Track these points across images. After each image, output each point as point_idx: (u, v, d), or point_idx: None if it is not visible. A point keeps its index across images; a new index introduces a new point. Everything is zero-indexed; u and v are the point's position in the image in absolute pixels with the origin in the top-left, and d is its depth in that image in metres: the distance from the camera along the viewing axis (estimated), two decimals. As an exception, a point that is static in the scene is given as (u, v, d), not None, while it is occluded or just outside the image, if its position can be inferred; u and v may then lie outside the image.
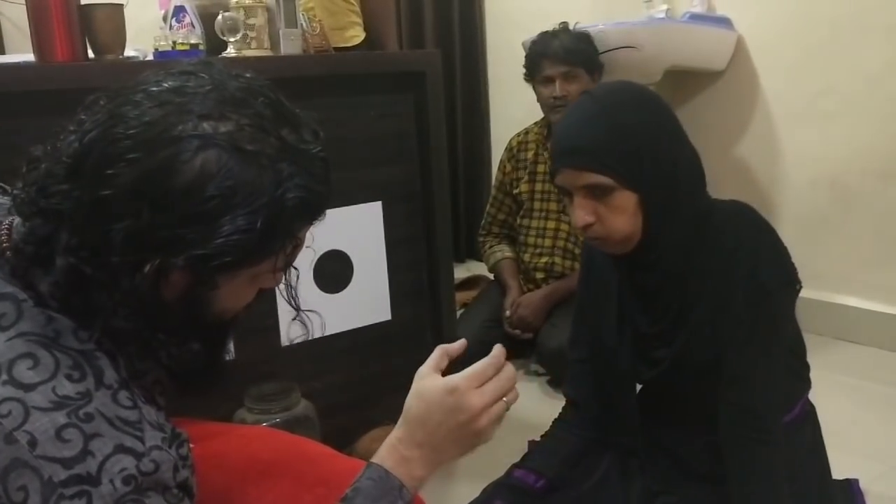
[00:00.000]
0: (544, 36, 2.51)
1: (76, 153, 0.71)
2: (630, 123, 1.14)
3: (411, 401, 0.91)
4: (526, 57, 2.54)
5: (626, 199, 1.14)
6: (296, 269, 0.87)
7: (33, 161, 0.76)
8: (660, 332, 1.25)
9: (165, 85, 0.74)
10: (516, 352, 2.58)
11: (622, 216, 1.15)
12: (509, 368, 0.94)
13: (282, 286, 0.89)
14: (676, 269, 1.21)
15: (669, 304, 1.23)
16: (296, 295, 0.93)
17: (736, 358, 1.18)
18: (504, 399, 0.92)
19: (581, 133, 1.16)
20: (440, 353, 0.96)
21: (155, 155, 0.69)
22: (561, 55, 2.43)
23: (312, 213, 0.78)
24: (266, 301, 1.63)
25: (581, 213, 1.16)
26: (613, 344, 1.30)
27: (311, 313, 1.51)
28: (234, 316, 0.85)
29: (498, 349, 0.95)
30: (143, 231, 0.69)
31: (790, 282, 1.19)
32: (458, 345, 0.98)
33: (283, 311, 1.72)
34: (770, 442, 1.18)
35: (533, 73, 2.52)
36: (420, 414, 0.89)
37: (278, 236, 0.75)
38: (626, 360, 1.30)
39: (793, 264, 1.19)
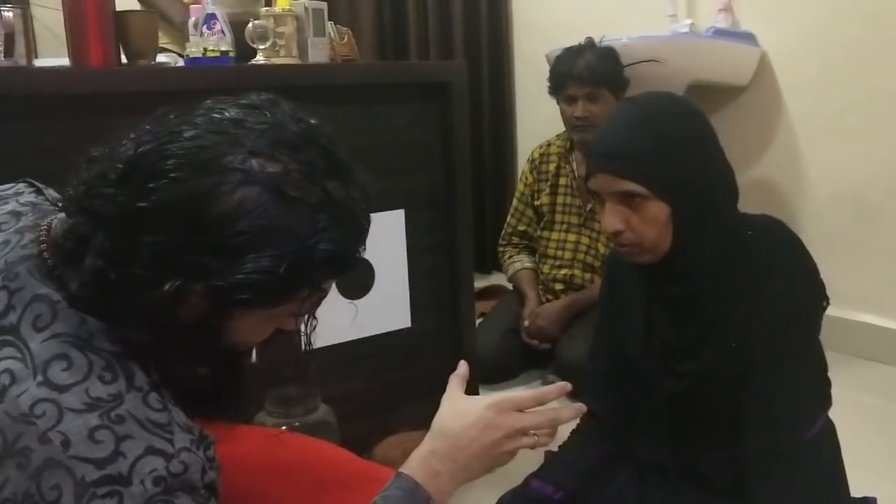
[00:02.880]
0: (569, 53, 2.48)
1: (129, 160, 0.73)
2: (671, 135, 1.14)
3: (446, 417, 0.93)
4: (550, 73, 2.53)
5: (659, 210, 1.14)
6: (315, 318, 0.87)
7: (90, 161, 0.77)
8: (686, 345, 1.25)
9: (227, 114, 0.75)
10: (533, 362, 2.59)
11: (653, 226, 1.14)
12: (560, 413, 0.96)
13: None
14: (705, 282, 1.21)
15: (697, 317, 1.23)
16: (311, 343, 0.92)
17: (764, 373, 1.18)
18: (535, 435, 0.94)
19: (621, 139, 1.15)
20: (458, 381, 0.98)
21: (198, 179, 0.70)
22: (585, 76, 2.40)
23: (340, 268, 0.78)
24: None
25: (613, 219, 1.16)
26: (639, 355, 1.30)
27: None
28: (248, 349, 0.86)
29: (561, 386, 0.99)
30: (170, 250, 0.70)
31: (821, 297, 1.19)
32: (463, 368, 1.01)
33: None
34: (794, 458, 1.17)
35: (557, 90, 2.50)
36: (456, 430, 0.91)
37: (301, 284, 0.76)
38: (653, 371, 1.29)
39: (822, 280, 1.19)
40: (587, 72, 2.40)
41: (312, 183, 0.74)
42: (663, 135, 1.13)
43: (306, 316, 0.85)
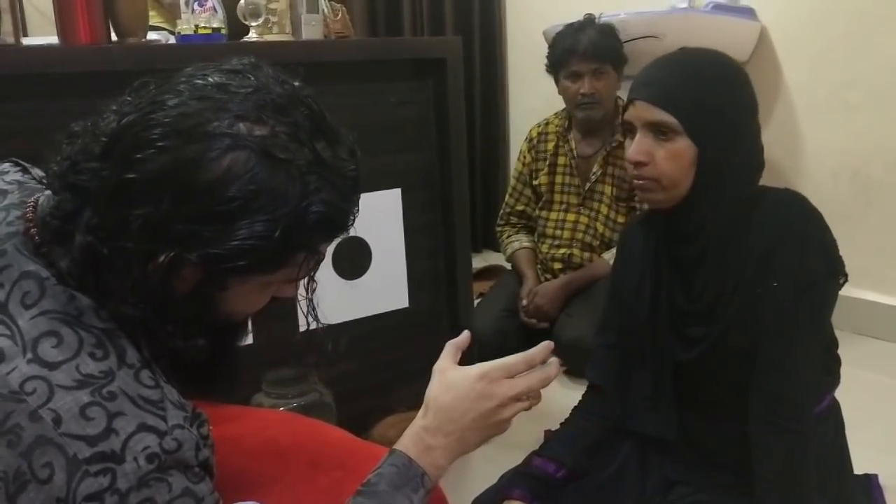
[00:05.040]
0: (570, 29, 2.46)
1: (112, 133, 0.71)
2: (711, 80, 1.17)
3: (437, 391, 0.92)
4: (550, 50, 2.50)
5: (685, 148, 1.15)
6: (315, 281, 0.86)
7: (72, 136, 0.76)
8: (697, 310, 1.25)
9: (210, 80, 0.74)
10: (532, 342, 2.57)
11: (676, 164, 1.16)
12: (549, 369, 0.96)
13: (303, 301, 0.88)
14: (718, 246, 1.21)
15: (708, 282, 1.23)
16: (315, 308, 0.91)
17: (774, 345, 1.18)
18: (529, 398, 0.93)
19: (664, 73, 1.18)
20: (452, 349, 0.98)
21: (185, 147, 0.69)
22: (591, 52, 2.39)
23: (334, 229, 0.78)
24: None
25: (638, 150, 1.17)
26: (648, 319, 1.30)
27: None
28: (245, 319, 0.85)
29: (546, 345, 0.97)
30: (160, 221, 0.69)
31: (836, 273, 1.18)
32: (464, 336, 1.00)
33: (302, 296, 1.73)
34: (801, 431, 1.17)
35: (558, 67, 2.47)
36: (448, 403, 0.91)
37: (296, 248, 0.75)
38: (662, 333, 1.29)
39: (840, 256, 1.19)
40: (592, 48, 2.39)
41: (300, 144, 0.73)
42: (700, 77, 1.17)
43: (304, 282, 0.84)
